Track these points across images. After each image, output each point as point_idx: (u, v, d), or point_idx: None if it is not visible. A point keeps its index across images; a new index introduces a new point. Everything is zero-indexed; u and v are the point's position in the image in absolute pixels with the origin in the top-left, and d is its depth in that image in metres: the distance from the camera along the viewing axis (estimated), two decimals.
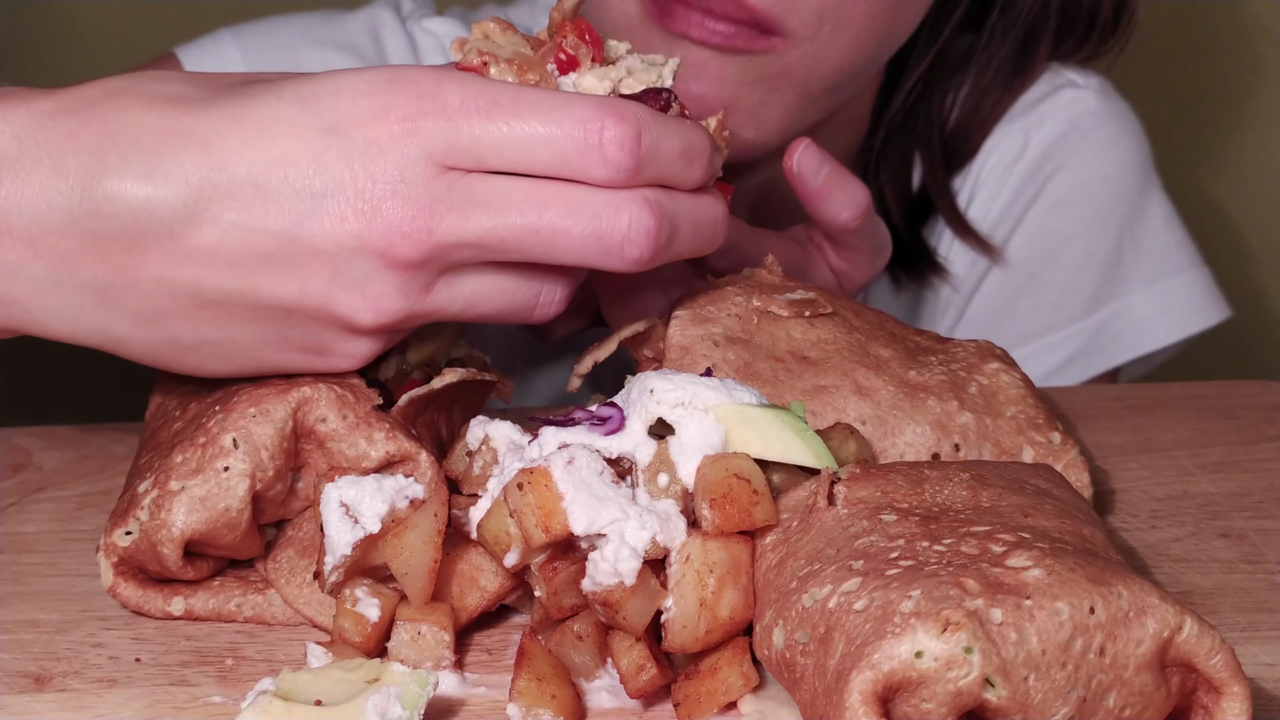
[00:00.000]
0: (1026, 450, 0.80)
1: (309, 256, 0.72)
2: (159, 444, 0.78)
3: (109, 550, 0.75)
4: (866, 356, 0.81)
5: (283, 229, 0.71)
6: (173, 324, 0.74)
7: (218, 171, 0.71)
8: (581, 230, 0.72)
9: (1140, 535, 0.83)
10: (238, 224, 0.71)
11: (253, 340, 0.75)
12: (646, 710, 0.69)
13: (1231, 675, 0.60)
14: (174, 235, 0.71)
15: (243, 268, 0.72)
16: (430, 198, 0.71)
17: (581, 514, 0.67)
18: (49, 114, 0.72)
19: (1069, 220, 1.23)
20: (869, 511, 0.66)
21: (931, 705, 0.58)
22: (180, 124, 0.72)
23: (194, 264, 0.72)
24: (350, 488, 0.71)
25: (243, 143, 0.71)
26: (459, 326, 0.87)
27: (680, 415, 0.70)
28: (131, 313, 0.73)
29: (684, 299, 0.83)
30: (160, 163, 0.71)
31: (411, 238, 0.71)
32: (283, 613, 0.76)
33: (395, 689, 0.64)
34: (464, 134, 0.71)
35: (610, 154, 0.71)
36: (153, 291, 0.73)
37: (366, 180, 0.71)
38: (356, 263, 0.72)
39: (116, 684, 0.71)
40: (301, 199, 0.71)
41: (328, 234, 0.71)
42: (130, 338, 0.75)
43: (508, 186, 0.72)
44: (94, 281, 0.72)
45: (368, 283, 0.72)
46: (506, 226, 0.72)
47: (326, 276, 0.72)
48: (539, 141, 0.71)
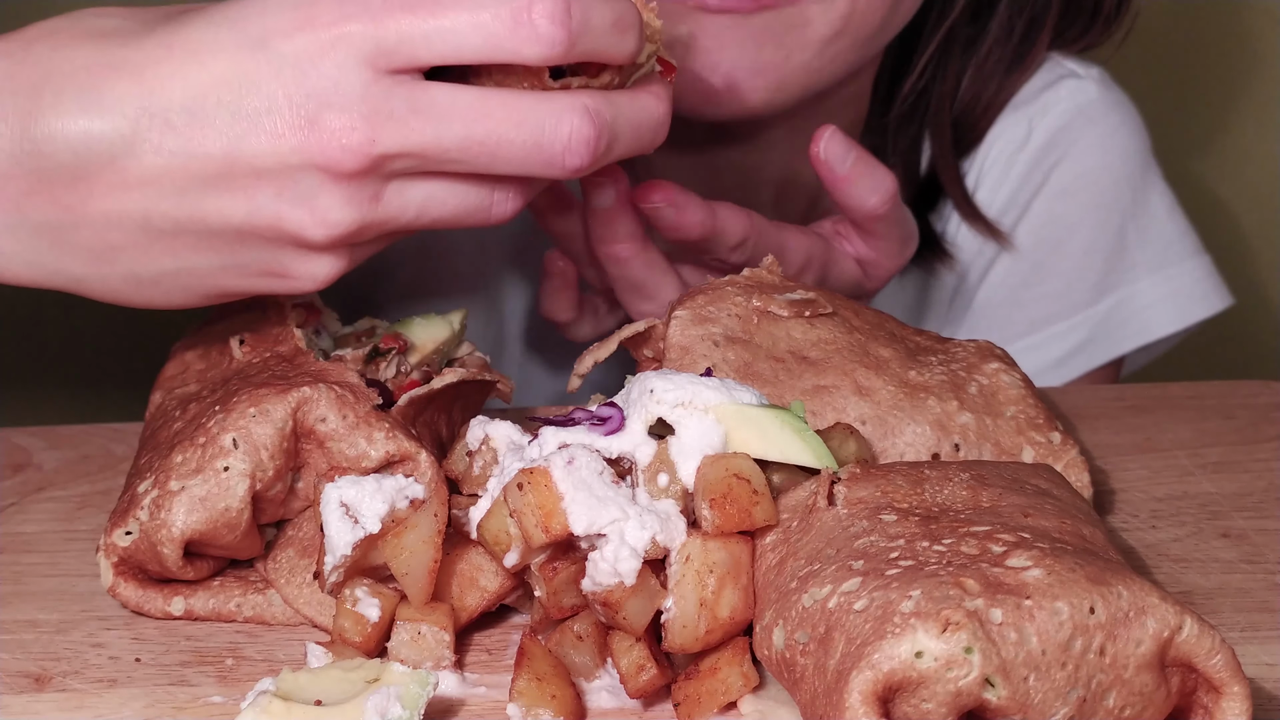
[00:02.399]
0: (1026, 450, 0.80)
1: (252, 176, 0.71)
2: (159, 444, 0.78)
3: (109, 550, 0.75)
4: (866, 356, 0.81)
5: (222, 151, 0.71)
6: (128, 258, 0.74)
7: (153, 99, 0.71)
8: (524, 140, 0.72)
9: (1140, 535, 0.83)
10: (178, 150, 0.71)
11: (210, 267, 0.74)
12: (646, 710, 0.69)
13: (1231, 675, 0.60)
14: (116, 167, 0.71)
15: (189, 193, 0.72)
16: (368, 106, 0.70)
17: (581, 514, 0.67)
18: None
19: (1073, 209, 1.23)
20: (869, 511, 0.66)
21: (931, 705, 0.58)
22: (114, 56, 0.72)
23: (140, 194, 0.72)
24: (350, 488, 0.71)
25: (175, 69, 0.71)
26: (459, 327, 0.87)
27: (680, 415, 0.70)
28: (86, 251, 0.73)
29: (684, 299, 0.83)
30: (96, 96, 0.71)
31: (352, 149, 0.70)
32: (283, 613, 0.76)
33: (395, 689, 0.64)
34: (390, 32, 0.70)
35: (542, 29, 0.70)
36: (103, 226, 0.72)
37: (299, 94, 0.70)
38: (301, 178, 0.71)
39: (116, 684, 0.71)
40: (238, 119, 0.71)
41: (268, 152, 0.71)
42: (89, 277, 0.75)
43: (450, 96, 0.72)
44: (44, 222, 0.73)
45: (314, 196, 0.72)
46: (450, 137, 0.72)
47: (273, 194, 0.72)
48: (467, 28, 0.70)
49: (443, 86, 0.72)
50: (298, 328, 0.82)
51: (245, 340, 0.83)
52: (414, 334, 0.84)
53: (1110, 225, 1.23)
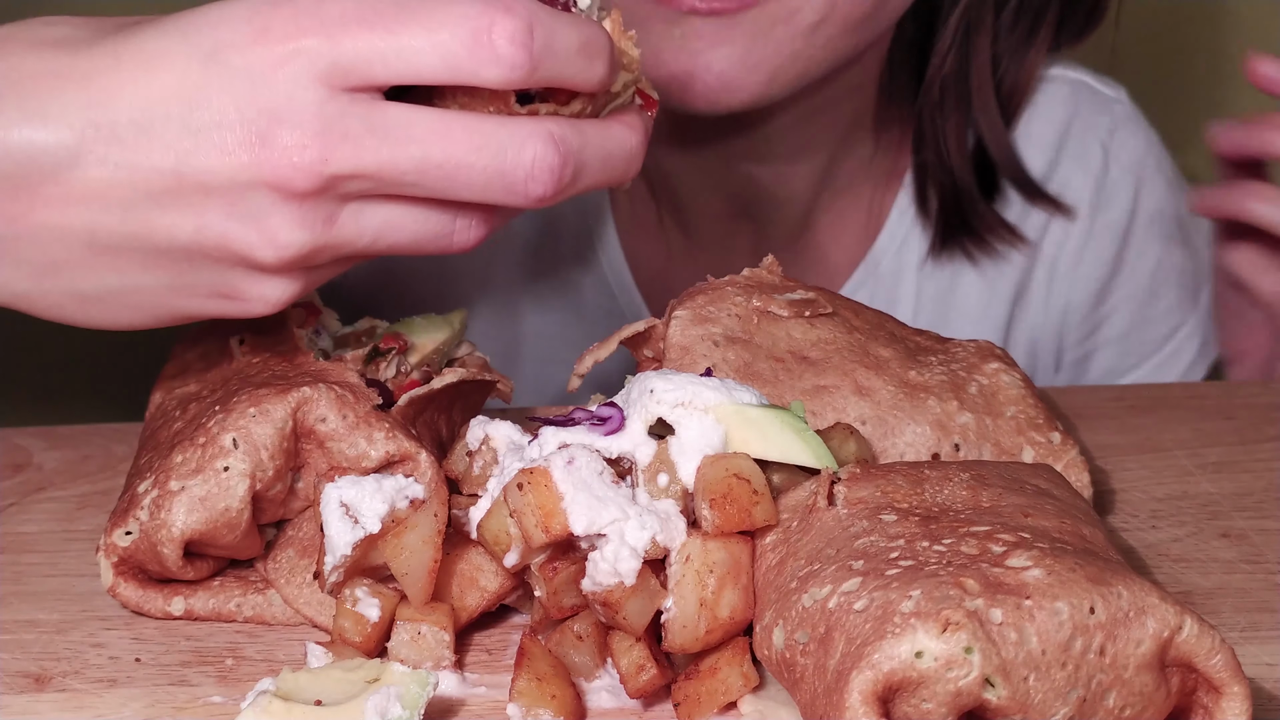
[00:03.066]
0: (1026, 450, 0.80)
1: (200, 193, 0.69)
2: (159, 444, 0.78)
3: (109, 550, 0.75)
4: (866, 356, 0.81)
5: (170, 166, 0.68)
6: (72, 274, 0.71)
7: (99, 111, 0.68)
8: (485, 166, 0.69)
9: (1140, 535, 0.83)
10: (123, 164, 0.68)
11: (157, 286, 0.72)
12: (646, 710, 0.69)
13: (1231, 675, 0.60)
14: (60, 179, 0.69)
15: (135, 209, 0.69)
16: (321, 124, 0.68)
17: (581, 514, 0.67)
18: None
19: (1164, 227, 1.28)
20: (869, 511, 0.66)
21: (931, 705, 0.58)
22: (61, 65, 0.69)
23: (84, 208, 0.69)
24: (350, 488, 0.71)
25: (124, 80, 0.68)
26: (459, 327, 0.87)
27: (680, 415, 0.70)
28: (29, 265, 0.71)
29: (684, 299, 0.83)
30: (39, 105, 0.68)
31: (303, 168, 0.68)
32: (283, 613, 0.76)
33: (395, 689, 0.64)
34: (346, 50, 0.68)
35: (501, 50, 0.67)
36: (46, 240, 0.70)
37: (251, 109, 0.68)
38: (251, 196, 0.69)
39: (116, 684, 0.71)
40: (186, 134, 0.68)
41: (216, 169, 0.68)
42: (32, 292, 0.72)
43: (408, 116, 0.69)
44: None
45: (264, 216, 0.69)
46: (407, 158, 0.69)
47: (222, 213, 0.69)
48: (425, 47, 0.68)
49: (401, 107, 0.69)
50: (298, 328, 0.82)
51: (245, 340, 0.83)
52: (414, 334, 0.84)
53: (1175, 238, 1.29)
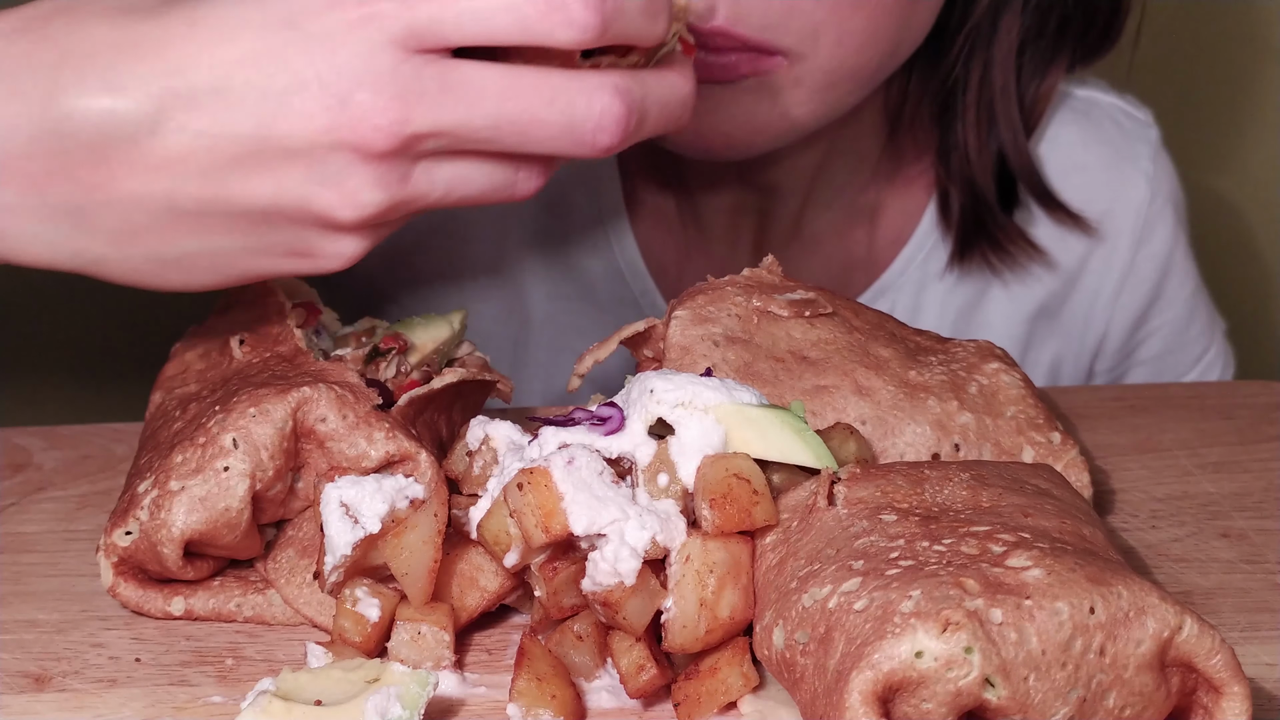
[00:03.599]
0: (1026, 450, 0.80)
1: (281, 157, 0.70)
2: (159, 444, 0.78)
3: (109, 550, 0.75)
4: (866, 356, 0.81)
5: (251, 132, 0.69)
6: (151, 239, 0.72)
7: (178, 79, 0.69)
8: (555, 120, 0.71)
9: (1140, 535, 0.83)
10: (203, 131, 0.69)
11: (235, 249, 0.73)
12: (646, 710, 0.69)
13: (1231, 675, 0.60)
14: (140, 148, 0.70)
15: (214, 174, 0.70)
16: (399, 85, 0.69)
17: (581, 514, 0.67)
18: (4, 34, 0.71)
19: (1190, 257, 1.29)
20: (869, 511, 0.66)
21: (931, 705, 0.58)
22: (135, 34, 0.70)
23: (165, 175, 0.70)
24: (350, 488, 0.71)
25: (200, 47, 0.69)
26: (459, 327, 0.87)
27: (680, 415, 0.70)
28: (108, 232, 0.72)
29: (684, 298, 0.83)
30: (117, 75, 0.69)
31: (383, 130, 0.69)
32: (283, 613, 0.76)
33: (395, 689, 0.64)
34: (420, 13, 0.69)
35: (575, 14, 0.69)
36: (127, 207, 0.71)
37: (330, 73, 0.68)
38: (331, 158, 0.70)
39: (116, 684, 0.71)
40: (266, 99, 0.69)
41: (296, 133, 0.69)
42: (109, 258, 0.73)
43: (481, 75, 0.70)
44: (66, 203, 0.71)
45: (344, 177, 0.70)
46: (481, 116, 0.70)
47: (301, 176, 0.70)
48: (499, 9, 0.69)
49: (473, 65, 0.70)
50: (298, 328, 0.82)
51: (245, 340, 0.83)
52: (414, 334, 0.84)
53: (1190, 260, 1.31)
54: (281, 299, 0.84)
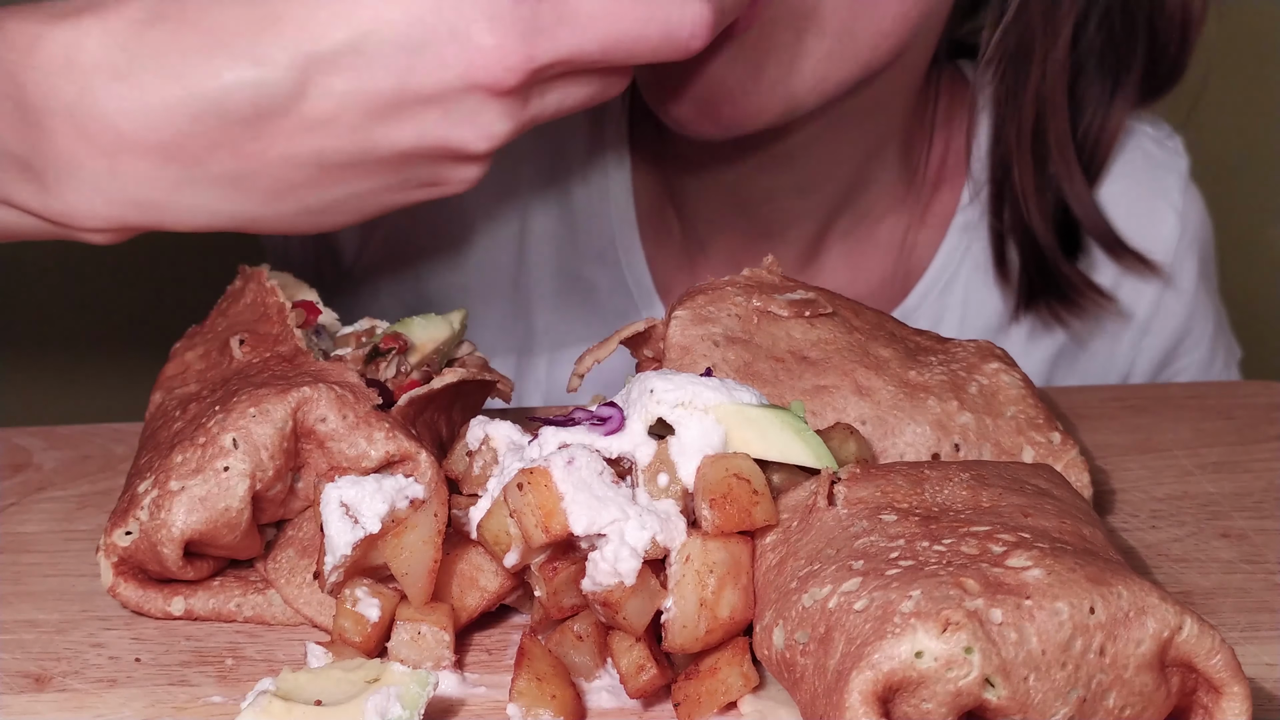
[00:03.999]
0: (1026, 450, 0.80)
1: (420, 104, 0.76)
2: (159, 444, 0.78)
3: (109, 550, 0.75)
4: (866, 356, 0.81)
5: (391, 86, 0.75)
6: (302, 193, 0.78)
7: (318, 45, 0.74)
8: (655, 33, 0.78)
9: (1140, 535, 0.83)
10: (348, 90, 0.75)
11: (376, 188, 0.79)
12: (646, 710, 0.69)
13: (1231, 675, 0.60)
14: (290, 113, 0.75)
15: (359, 129, 0.76)
16: (521, 25, 0.75)
17: (581, 514, 0.67)
18: (144, 20, 0.75)
19: (1212, 290, 1.28)
20: (869, 511, 0.66)
21: (931, 705, 0.58)
22: (269, 8, 0.75)
23: (314, 135, 0.76)
24: (350, 488, 0.71)
25: (333, 13, 0.74)
26: (459, 327, 0.87)
27: (680, 415, 0.70)
28: (263, 192, 0.77)
29: (684, 299, 0.83)
30: (264, 50, 0.74)
31: (513, 69, 0.75)
32: (283, 613, 0.76)
33: (395, 689, 0.64)
34: None
35: None
36: (280, 169, 0.77)
37: (458, 21, 0.74)
38: (465, 99, 0.76)
39: (116, 684, 0.71)
40: (402, 53, 0.74)
41: (433, 81, 0.75)
42: (264, 215, 0.79)
43: (587, 4, 0.77)
44: (226, 172, 0.76)
45: (477, 114, 0.76)
46: (592, 41, 0.77)
47: (439, 117, 0.76)
48: None
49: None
50: (298, 328, 0.82)
51: (245, 340, 0.83)
52: (414, 334, 0.84)
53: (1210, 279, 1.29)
54: (281, 299, 0.84)
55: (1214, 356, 1.27)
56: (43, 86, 0.75)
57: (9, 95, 0.76)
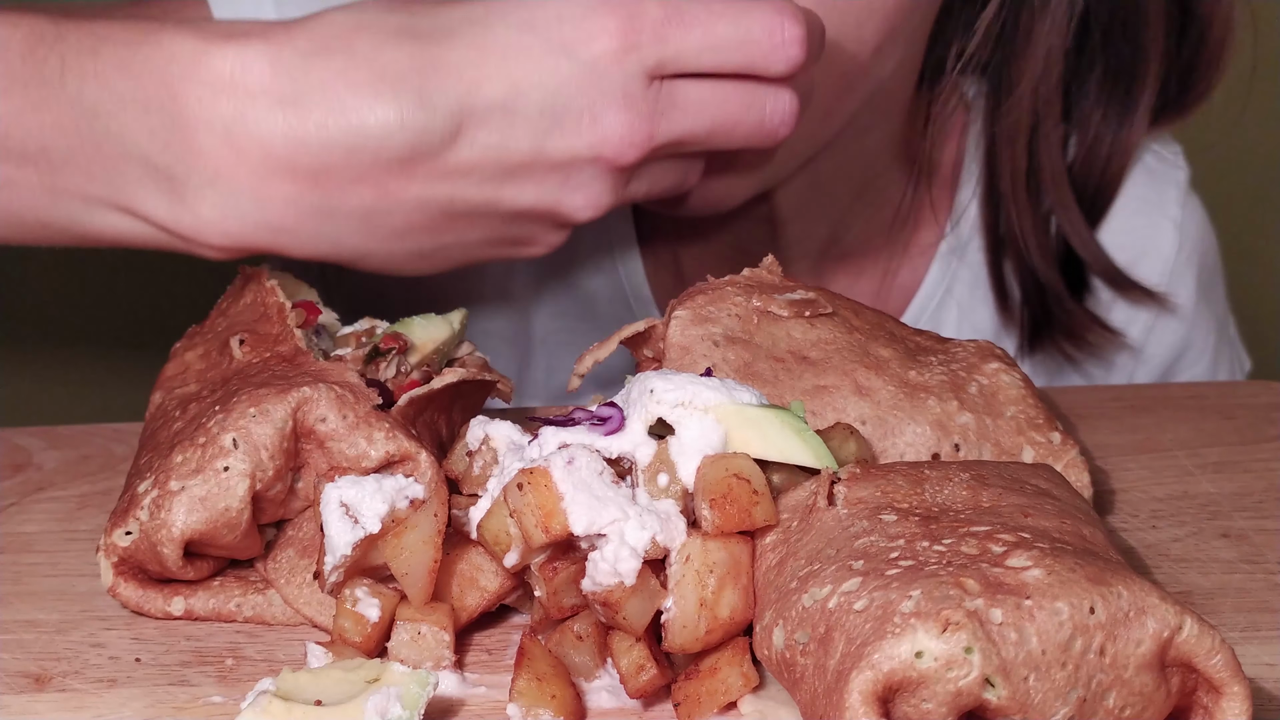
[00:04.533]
0: (1026, 450, 0.80)
1: (549, 168, 0.81)
2: (159, 444, 0.78)
3: (109, 550, 0.75)
4: (866, 356, 0.81)
5: (530, 146, 0.80)
6: (420, 236, 0.82)
7: (474, 97, 0.79)
8: (751, 121, 0.84)
9: (1140, 535, 0.83)
10: (491, 144, 0.80)
11: (480, 240, 0.84)
12: (646, 710, 0.69)
13: (1231, 675, 0.60)
14: (438, 157, 0.79)
15: (491, 181, 0.81)
16: (648, 107, 0.80)
17: (581, 514, 0.67)
18: (312, 53, 0.78)
19: (1216, 300, 1.27)
20: (869, 511, 0.66)
21: (931, 705, 0.58)
22: (432, 56, 0.79)
23: (450, 182, 0.80)
24: (350, 488, 0.71)
25: (490, 70, 0.79)
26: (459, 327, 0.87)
27: (680, 415, 0.70)
28: (388, 230, 0.81)
29: (684, 299, 0.83)
30: (429, 94, 0.78)
31: (637, 145, 0.81)
32: (283, 613, 0.76)
33: (395, 689, 0.64)
34: (672, 47, 0.80)
35: (792, 52, 0.82)
36: (412, 210, 0.81)
37: (597, 96, 0.79)
38: (586, 169, 0.81)
39: (116, 684, 0.71)
40: (544, 117, 0.80)
41: (566, 148, 0.80)
42: (377, 252, 0.83)
43: (700, 91, 0.82)
44: (362, 207, 0.80)
45: (591, 185, 0.82)
46: (701, 125, 0.83)
47: (558, 183, 0.81)
48: (732, 45, 0.82)
49: (691, 82, 0.82)
50: (298, 328, 0.82)
51: (245, 340, 0.82)
52: (414, 334, 0.84)
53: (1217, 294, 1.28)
54: (281, 299, 0.84)
55: (1215, 371, 1.25)
56: (204, 101, 0.77)
57: (163, 106, 0.77)
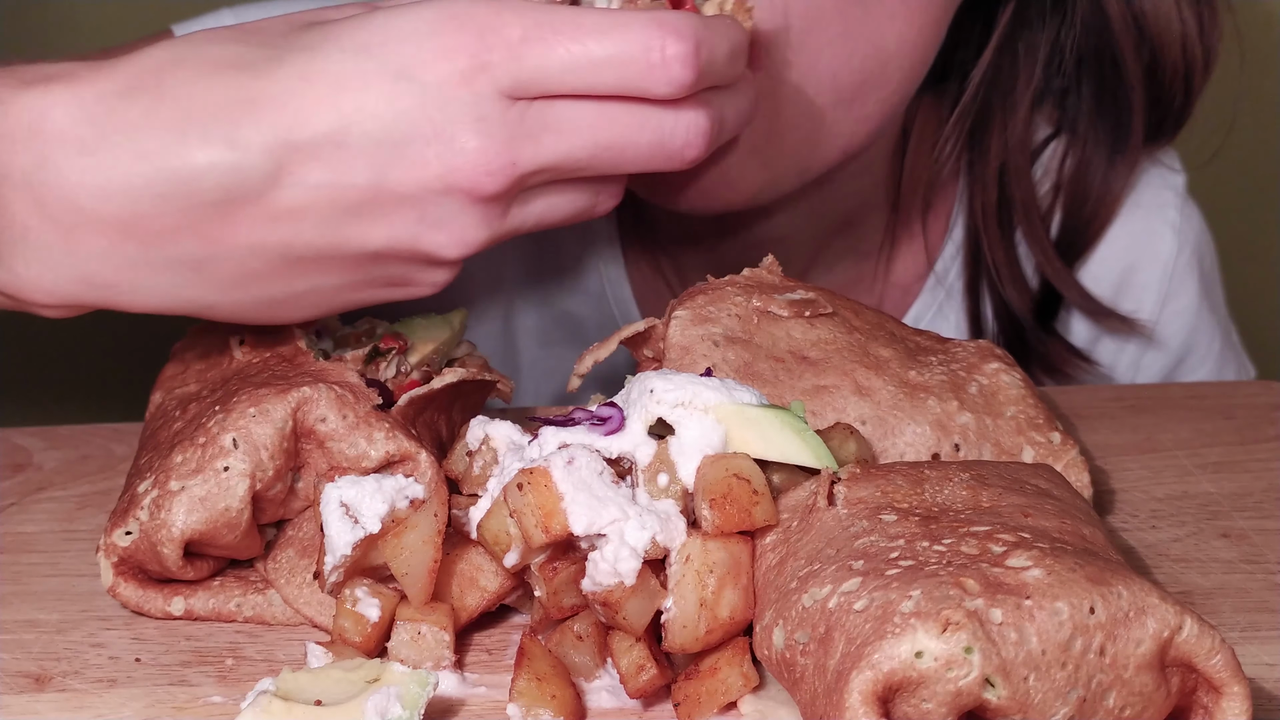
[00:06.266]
0: (1026, 450, 0.80)
1: (395, 203, 0.73)
2: (159, 444, 0.78)
3: (109, 550, 0.75)
4: (866, 356, 0.81)
5: (367, 181, 0.72)
6: (264, 284, 0.75)
7: (297, 132, 0.71)
8: (647, 142, 0.75)
9: (1140, 535, 0.83)
10: (322, 182, 0.72)
11: (340, 285, 0.76)
12: (646, 710, 0.69)
13: (1231, 675, 0.60)
14: (262, 200, 0.72)
15: (331, 223, 0.73)
16: (507, 132, 0.72)
17: (581, 514, 0.67)
18: (117, 94, 0.72)
19: (1217, 307, 1.26)
20: (869, 511, 0.66)
21: (931, 705, 0.58)
22: (252, 90, 0.72)
23: (283, 225, 0.73)
24: (350, 488, 0.71)
25: (316, 101, 0.71)
26: (459, 327, 0.87)
27: (680, 415, 0.70)
28: (224, 279, 0.74)
29: (684, 299, 0.83)
30: (240, 132, 0.71)
31: (496, 173, 0.73)
32: (283, 613, 0.76)
33: (395, 689, 0.64)
34: (528, 67, 0.72)
35: (674, 72, 0.73)
36: (245, 257, 0.73)
37: (443, 122, 0.72)
38: (442, 202, 0.73)
39: (116, 684, 0.71)
40: (382, 149, 0.72)
41: (412, 180, 0.72)
42: (222, 303, 0.76)
43: (575, 111, 0.74)
44: (187, 256, 0.73)
45: (453, 219, 0.74)
46: (580, 148, 0.74)
47: (414, 219, 0.73)
48: (603, 65, 0.73)
49: (569, 102, 0.74)
50: (298, 328, 0.82)
51: (245, 340, 0.83)
52: (414, 334, 0.84)
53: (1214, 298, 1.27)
54: None
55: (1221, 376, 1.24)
56: (3, 153, 0.71)
57: None
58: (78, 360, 1.50)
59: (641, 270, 1.21)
